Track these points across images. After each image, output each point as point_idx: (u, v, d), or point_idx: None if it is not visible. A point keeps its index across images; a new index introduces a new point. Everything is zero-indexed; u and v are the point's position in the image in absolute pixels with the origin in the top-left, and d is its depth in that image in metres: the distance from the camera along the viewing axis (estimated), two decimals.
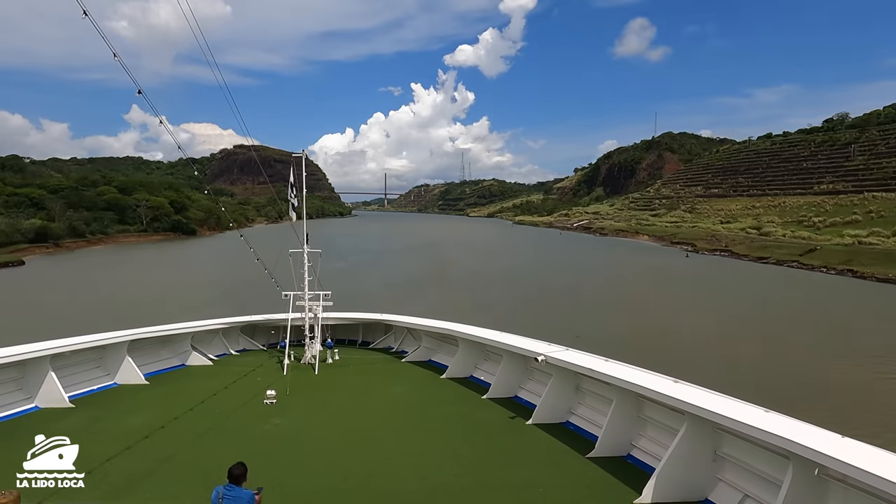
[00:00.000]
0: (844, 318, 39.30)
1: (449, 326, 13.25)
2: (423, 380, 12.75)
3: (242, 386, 11.84)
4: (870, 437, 5.66)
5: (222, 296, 43.43)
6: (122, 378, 11.99)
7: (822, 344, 31.25)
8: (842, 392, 22.49)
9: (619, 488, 7.07)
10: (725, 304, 44.28)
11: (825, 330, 35.29)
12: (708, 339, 31.94)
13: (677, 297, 47.57)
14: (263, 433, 9.09)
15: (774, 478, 6.04)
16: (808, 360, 27.31)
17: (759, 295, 48.85)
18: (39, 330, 15.78)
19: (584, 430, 9.05)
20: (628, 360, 8.73)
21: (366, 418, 10.07)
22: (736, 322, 37.07)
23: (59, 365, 10.69)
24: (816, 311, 42.17)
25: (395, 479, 7.37)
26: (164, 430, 8.94)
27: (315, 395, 11.56)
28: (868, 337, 32.99)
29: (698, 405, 6.52)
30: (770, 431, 5.61)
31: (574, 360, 9.05)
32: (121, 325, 13.20)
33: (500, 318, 31.20)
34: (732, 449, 6.70)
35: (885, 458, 4.96)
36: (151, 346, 13.24)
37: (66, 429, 9.24)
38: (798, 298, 47.30)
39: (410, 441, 8.87)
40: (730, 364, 26.20)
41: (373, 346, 16.59)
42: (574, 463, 7.91)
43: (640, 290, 52.40)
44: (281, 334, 15.86)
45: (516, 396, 10.93)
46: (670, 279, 60.60)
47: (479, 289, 51.37)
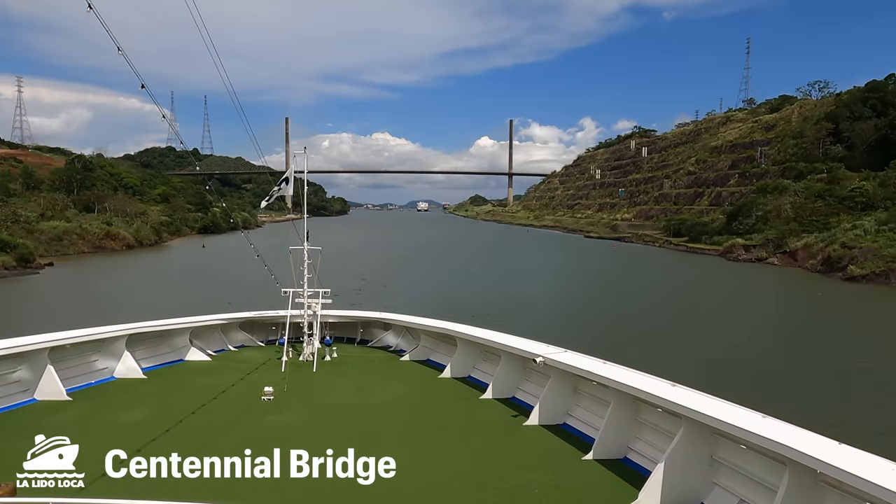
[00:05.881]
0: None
1: (448, 326, 13.29)
2: (421, 378, 12.78)
3: (240, 382, 11.86)
4: (866, 442, 5.68)
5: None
6: (120, 372, 12.02)
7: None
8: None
9: (616, 491, 7.10)
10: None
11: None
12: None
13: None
14: (261, 429, 9.13)
15: (770, 483, 6.07)
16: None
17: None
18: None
19: (581, 431, 9.08)
20: (626, 363, 8.77)
21: (363, 416, 10.11)
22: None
23: (57, 357, 10.71)
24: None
25: (392, 478, 7.39)
26: (162, 424, 8.96)
27: (313, 392, 11.60)
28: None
29: (695, 409, 6.55)
30: (766, 437, 5.64)
31: (572, 361, 9.08)
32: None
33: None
34: (729, 453, 6.73)
35: (881, 464, 4.99)
36: (150, 341, 13.26)
37: (64, 422, 9.26)
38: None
39: (407, 440, 8.91)
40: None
41: (371, 344, 16.61)
42: (571, 465, 7.94)
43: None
44: (280, 331, 15.86)
45: (514, 397, 10.96)
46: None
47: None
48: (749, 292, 55.62)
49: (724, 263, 79.79)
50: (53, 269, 65.17)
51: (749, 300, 50.89)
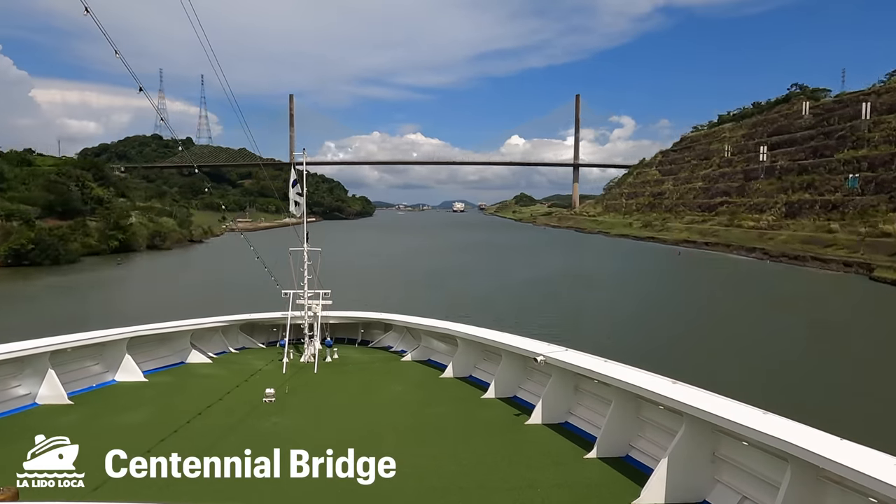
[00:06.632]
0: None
1: (448, 326, 13.29)
2: (422, 379, 12.77)
3: (242, 384, 11.85)
4: (868, 438, 5.66)
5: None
6: (121, 375, 12.01)
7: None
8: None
9: (618, 489, 7.08)
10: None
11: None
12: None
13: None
14: (261, 430, 9.12)
15: (773, 479, 6.05)
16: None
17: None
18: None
19: (582, 430, 9.06)
20: (628, 361, 8.75)
21: (364, 417, 10.11)
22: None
23: (58, 362, 10.71)
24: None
25: (392, 478, 7.37)
26: (163, 426, 8.95)
27: (314, 393, 11.59)
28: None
29: (697, 406, 6.54)
30: (768, 433, 5.63)
31: (573, 360, 9.07)
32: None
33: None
34: (731, 450, 6.71)
35: (883, 459, 4.97)
36: (150, 344, 13.26)
37: (65, 426, 9.24)
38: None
39: (408, 440, 8.89)
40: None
41: (372, 345, 16.61)
42: (573, 463, 7.92)
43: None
44: (280, 333, 15.86)
45: (515, 396, 10.94)
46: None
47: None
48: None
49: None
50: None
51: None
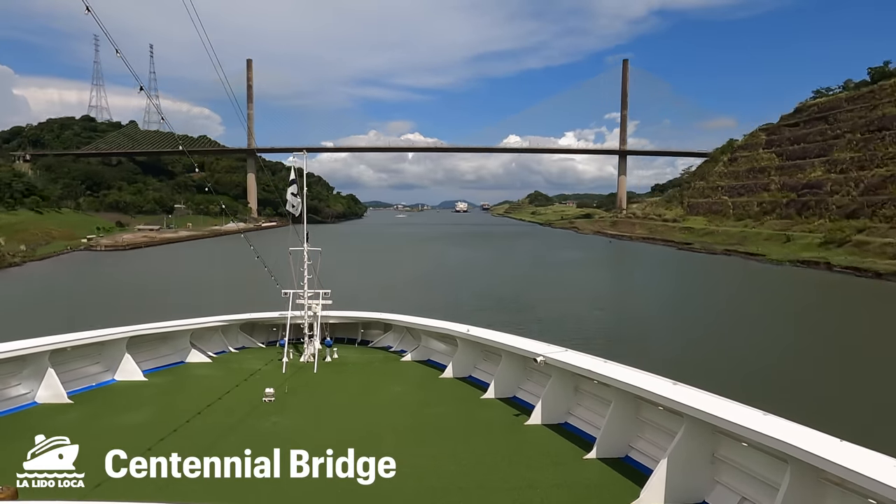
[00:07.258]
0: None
1: (448, 326, 13.27)
2: (422, 379, 12.76)
3: (241, 383, 11.85)
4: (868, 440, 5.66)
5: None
6: (121, 375, 12.01)
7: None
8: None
9: (618, 490, 7.08)
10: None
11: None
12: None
13: None
14: (261, 430, 9.12)
15: (772, 481, 6.05)
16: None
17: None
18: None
19: (582, 431, 9.06)
20: (627, 362, 8.75)
21: (363, 417, 10.10)
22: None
23: (58, 361, 10.71)
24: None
25: (392, 478, 7.37)
26: (163, 426, 8.95)
27: (314, 393, 11.58)
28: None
29: (696, 407, 6.54)
30: (768, 434, 5.63)
31: (573, 360, 9.07)
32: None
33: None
34: (730, 451, 6.72)
35: (882, 461, 4.97)
36: (150, 343, 13.25)
37: (65, 425, 9.25)
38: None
39: (408, 440, 8.89)
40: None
41: (372, 344, 16.59)
42: (572, 464, 7.92)
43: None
44: (280, 332, 15.85)
45: (515, 397, 10.94)
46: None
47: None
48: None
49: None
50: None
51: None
